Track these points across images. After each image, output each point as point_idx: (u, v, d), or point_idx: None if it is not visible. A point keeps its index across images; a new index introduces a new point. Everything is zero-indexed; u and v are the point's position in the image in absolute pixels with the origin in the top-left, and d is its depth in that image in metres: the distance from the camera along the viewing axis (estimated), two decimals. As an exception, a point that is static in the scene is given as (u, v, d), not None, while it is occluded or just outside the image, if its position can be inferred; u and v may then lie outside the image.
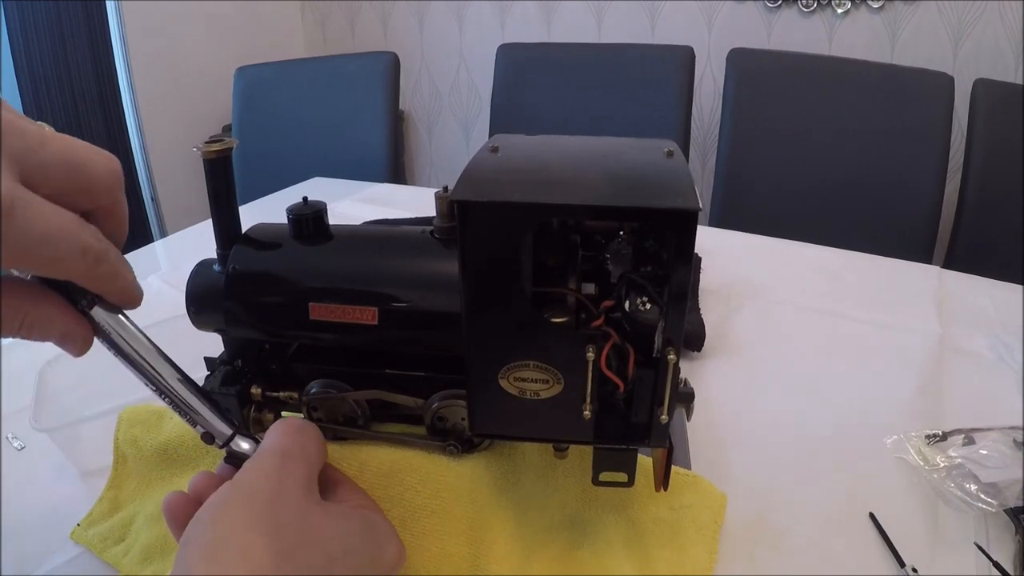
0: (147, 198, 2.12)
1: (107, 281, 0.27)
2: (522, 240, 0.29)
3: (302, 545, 0.27)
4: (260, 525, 0.26)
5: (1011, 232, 1.13)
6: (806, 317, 0.71)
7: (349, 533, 0.29)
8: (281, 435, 0.31)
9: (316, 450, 0.32)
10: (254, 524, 0.26)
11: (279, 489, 0.28)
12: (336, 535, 0.28)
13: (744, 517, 0.44)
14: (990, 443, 0.48)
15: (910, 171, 1.21)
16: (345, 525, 0.30)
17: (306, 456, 0.31)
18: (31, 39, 1.74)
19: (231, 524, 0.26)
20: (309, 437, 0.32)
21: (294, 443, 0.31)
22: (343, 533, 0.29)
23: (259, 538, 0.25)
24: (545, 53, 1.53)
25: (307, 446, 0.31)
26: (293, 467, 0.30)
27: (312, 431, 0.33)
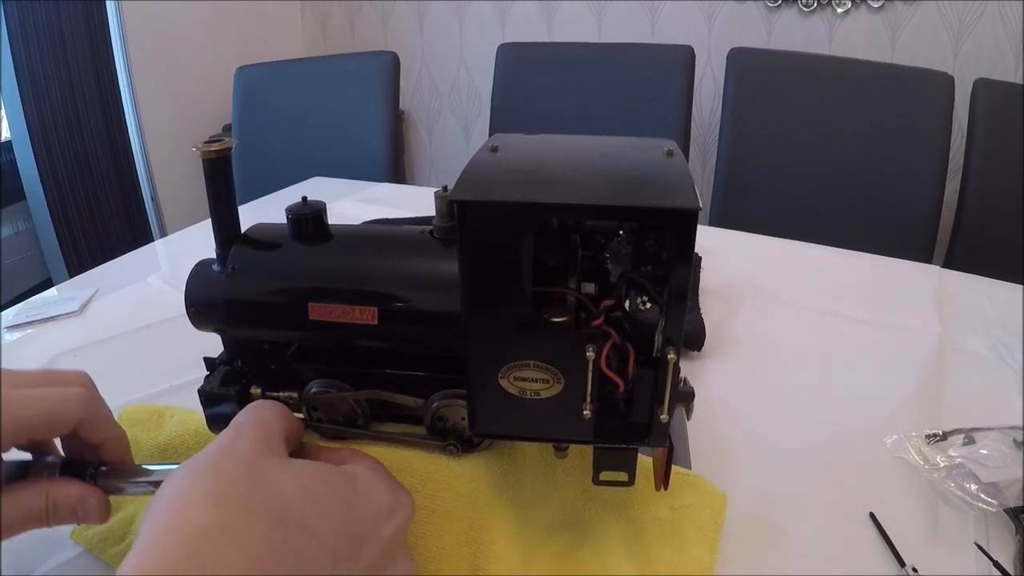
0: (147, 198, 2.12)
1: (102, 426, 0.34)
2: (522, 240, 0.29)
3: (247, 488, 0.26)
4: (202, 474, 0.27)
5: (1011, 232, 1.13)
6: (806, 317, 0.71)
7: (309, 477, 0.28)
8: (239, 414, 0.32)
9: (276, 419, 0.32)
10: (197, 474, 0.27)
11: (228, 447, 0.28)
12: (291, 480, 0.28)
13: (744, 517, 0.44)
14: (990, 443, 0.48)
15: (910, 171, 1.21)
16: (306, 471, 0.29)
17: (262, 423, 0.31)
18: (31, 39, 1.74)
19: (177, 476, 0.27)
20: (266, 408, 0.32)
21: (249, 415, 0.32)
22: (300, 477, 0.28)
23: (198, 483, 0.26)
24: (545, 53, 1.53)
25: (263, 416, 0.31)
26: (247, 431, 0.30)
27: (273, 406, 0.33)
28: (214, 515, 0.24)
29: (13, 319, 0.74)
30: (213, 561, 0.23)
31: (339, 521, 0.28)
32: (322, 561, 0.26)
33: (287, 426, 0.32)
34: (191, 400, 0.40)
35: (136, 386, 0.50)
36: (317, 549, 0.26)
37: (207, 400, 0.39)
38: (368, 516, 0.29)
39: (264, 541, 0.24)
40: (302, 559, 0.25)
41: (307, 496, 0.27)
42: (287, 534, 0.25)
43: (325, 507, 0.27)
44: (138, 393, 0.49)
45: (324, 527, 0.27)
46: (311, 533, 0.26)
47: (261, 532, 0.25)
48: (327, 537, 0.27)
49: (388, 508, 0.30)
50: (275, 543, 0.25)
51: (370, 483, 0.31)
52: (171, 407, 0.46)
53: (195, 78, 2.17)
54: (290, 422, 0.33)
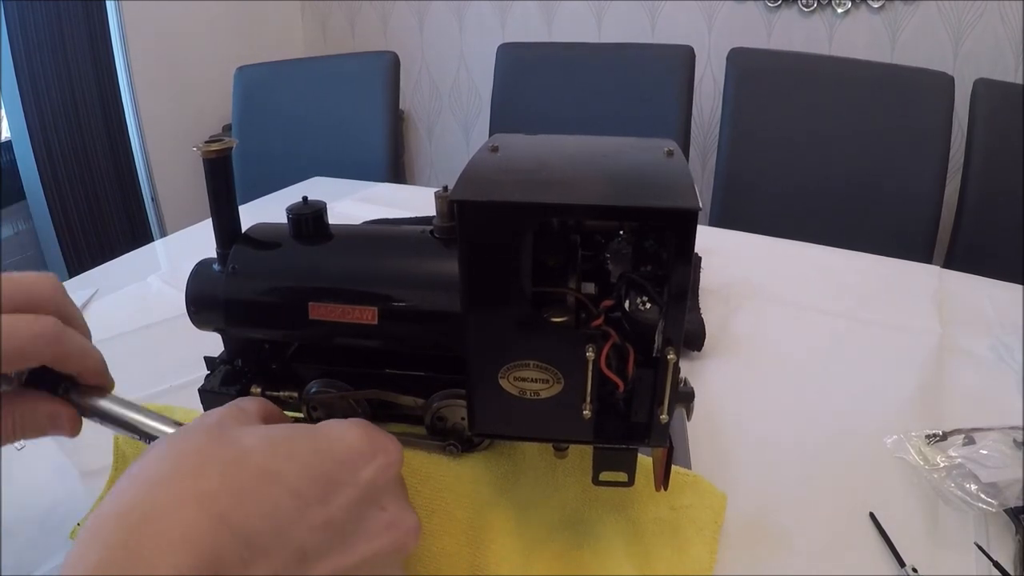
0: (147, 198, 2.12)
1: (75, 359, 0.32)
2: (522, 240, 0.29)
3: (207, 442, 0.26)
4: (168, 439, 0.27)
5: (1011, 232, 1.13)
6: (806, 317, 0.71)
7: (274, 430, 0.28)
8: None
9: (252, 403, 0.32)
10: (163, 440, 0.27)
11: (200, 419, 0.29)
12: (255, 433, 0.27)
13: (744, 517, 0.44)
14: (990, 443, 0.48)
15: (910, 171, 1.21)
16: (272, 428, 0.28)
17: (237, 403, 0.31)
18: (31, 39, 1.74)
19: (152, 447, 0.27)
20: (246, 397, 0.33)
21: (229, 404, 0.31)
22: (265, 432, 0.28)
23: (163, 444, 0.27)
24: (545, 53, 1.53)
25: (240, 400, 0.32)
26: (221, 409, 0.30)
27: (252, 398, 0.33)
28: (171, 464, 0.25)
29: (13, 319, 0.74)
30: (163, 501, 0.23)
31: (304, 464, 0.27)
32: (285, 503, 0.25)
33: (263, 411, 0.32)
34: (191, 400, 0.40)
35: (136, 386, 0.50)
36: (279, 491, 0.25)
37: (207, 400, 0.39)
38: (341, 460, 0.28)
39: (218, 484, 0.24)
40: (263, 500, 0.25)
41: (269, 444, 0.27)
42: (245, 477, 0.25)
43: (289, 452, 0.27)
44: (138, 393, 0.49)
45: (288, 470, 0.26)
46: (273, 476, 0.26)
47: (215, 476, 0.24)
48: (290, 480, 0.26)
49: (365, 452, 0.29)
50: (231, 486, 0.24)
51: (342, 431, 0.30)
52: (171, 407, 0.46)
53: (195, 78, 2.17)
54: (269, 410, 0.33)
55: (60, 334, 0.31)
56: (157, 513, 0.23)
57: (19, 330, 0.30)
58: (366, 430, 0.30)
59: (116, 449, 0.46)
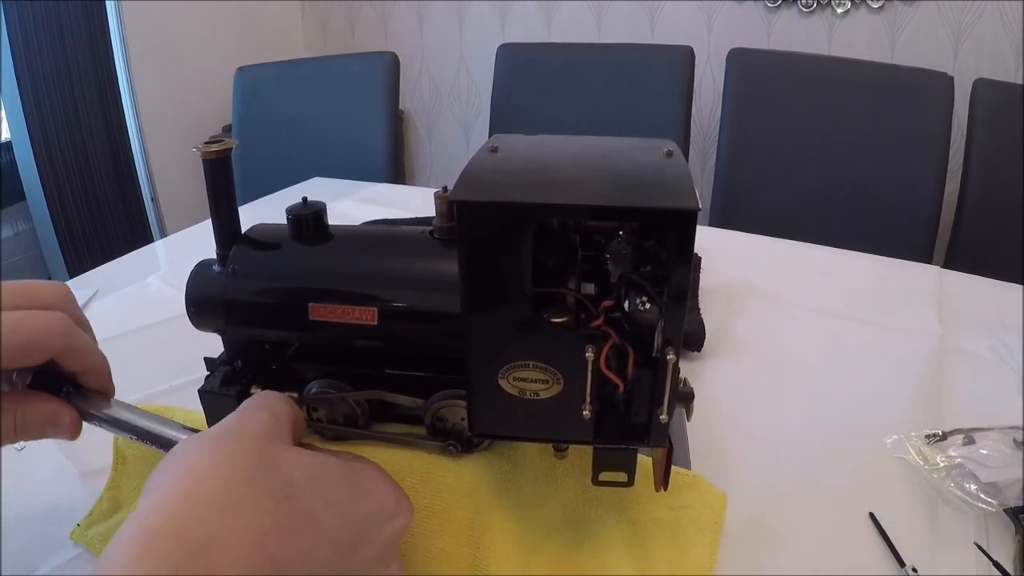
0: (147, 198, 2.12)
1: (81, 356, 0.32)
2: (522, 240, 0.29)
3: (258, 469, 0.26)
4: (215, 450, 0.26)
5: (1011, 232, 1.13)
6: (806, 317, 0.71)
7: (318, 466, 0.28)
8: (247, 400, 0.32)
9: (284, 409, 0.31)
10: (209, 449, 0.27)
11: (240, 428, 0.28)
12: (300, 466, 0.27)
13: (744, 517, 0.44)
14: (990, 443, 0.48)
15: (910, 171, 1.21)
16: (315, 460, 0.28)
17: (271, 410, 0.30)
18: (31, 39, 1.74)
19: (187, 450, 0.27)
20: (273, 398, 0.32)
21: (257, 401, 0.31)
22: (310, 465, 0.28)
23: (210, 458, 0.26)
24: (545, 53, 1.53)
25: (272, 404, 0.31)
26: (257, 415, 0.29)
27: (280, 397, 0.32)
28: (226, 488, 0.25)
29: (13, 319, 0.74)
30: (221, 531, 0.23)
31: (342, 514, 0.27)
32: (322, 550, 0.26)
33: (293, 417, 0.32)
34: (191, 400, 0.40)
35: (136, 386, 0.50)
36: (318, 537, 0.26)
37: (207, 401, 0.39)
38: (371, 514, 0.29)
39: (270, 521, 0.24)
40: (304, 544, 0.25)
41: (314, 484, 0.27)
42: (292, 517, 0.25)
43: (331, 498, 0.27)
44: (138, 393, 0.49)
45: (327, 517, 0.27)
46: (315, 520, 0.26)
47: (268, 512, 0.25)
48: (329, 527, 0.26)
49: (391, 511, 0.30)
50: (280, 524, 0.25)
51: (376, 483, 0.31)
52: (171, 407, 0.46)
53: (195, 78, 2.17)
54: (296, 413, 0.33)
55: (70, 328, 0.32)
56: (216, 543, 0.23)
57: (29, 323, 0.30)
58: (395, 488, 0.31)
59: (116, 450, 0.46)
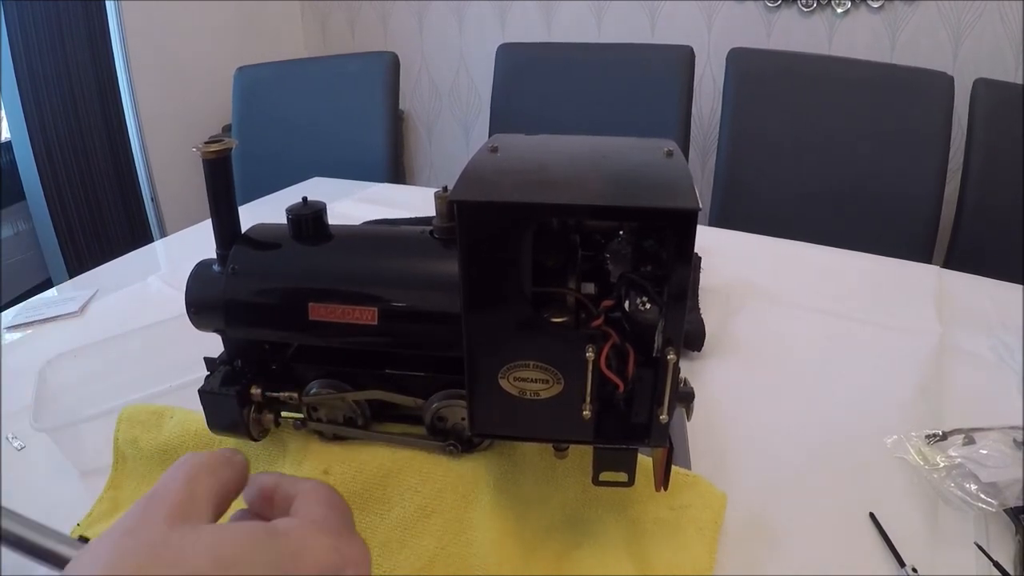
0: (147, 198, 2.12)
1: None
2: (521, 240, 0.29)
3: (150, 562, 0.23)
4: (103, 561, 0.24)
5: (1011, 232, 1.13)
6: (806, 317, 0.71)
7: (228, 544, 0.25)
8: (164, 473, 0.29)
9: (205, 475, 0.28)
10: (96, 560, 0.24)
11: (136, 524, 0.25)
12: (205, 550, 0.24)
13: (744, 517, 0.44)
14: (990, 443, 0.48)
15: (910, 171, 1.21)
16: (225, 538, 0.25)
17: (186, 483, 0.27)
18: (31, 39, 1.74)
19: (76, 562, 0.25)
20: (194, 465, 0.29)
21: (173, 473, 0.28)
22: (217, 546, 0.25)
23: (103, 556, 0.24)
24: (545, 53, 1.53)
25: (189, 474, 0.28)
26: (163, 499, 0.26)
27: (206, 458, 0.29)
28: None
29: (13, 319, 0.74)
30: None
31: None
32: None
33: (217, 483, 0.29)
34: (191, 400, 0.40)
35: (136, 386, 0.50)
36: None
37: (207, 400, 0.39)
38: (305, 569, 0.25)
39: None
40: None
41: (222, 566, 0.24)
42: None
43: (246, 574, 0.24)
44: (138, 393, 0.49)
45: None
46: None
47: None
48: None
49: (331, 565, 0.26)
50: None
51: (308, 540, 0.27)
52: (171, 407, 0.46)
53: (195, 78, 2.17)
54: (222, 477, 0.29)
55: None
56: None
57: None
58: (333, 538, 0.27)
59: (116, 449, 0.46)
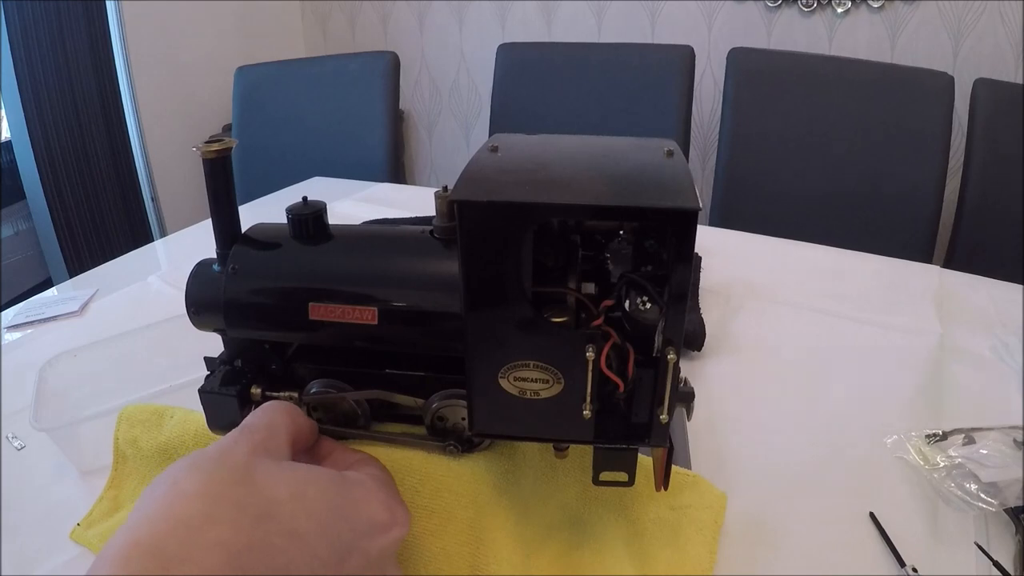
0: (147, 198, 2.12)
1: None
2: (522, 240, 0.29)
3: (237, 487, 0.27)
4: (198, 470, 0.27)
5: (1011, 232, 1.13)
6: (806, 317, 0.71)
7: (303, 481, 0.29)
8: (250, 415, 0.32)
9: (284, 421, 0.32)
10: (193, 469, 0.27)
11: (228, 448, 0.29)
12: (284, 482, 0.28)
13: (744, 517, 0.44)
14: (990, 443, 0.48)
15: (910, 171, 1.21)
16: (301, 475, 0.29)
17: (268, 426, 0.31)
18: (31, 39, 1.74)
19: (173, 468, 0.28)
20: (275, 411, 0.32)
21: (257, 417, 0.32)
22: (293, 481, 0.28)
23: (192, 477, 0.27)
24: (545, 53, 1.53)
25: (271, 418, 0.32)
26: (249, 435, 0.30)
27: (283, 407, 0.33)
28: (202, 508, 0.25)
29: (13, 319, 0.74)
30: (194, 549, 0.24)
31: (325, 526, 0.27)
32: (302, 563, 0.26)
33: (295, 428, 0.32)
34: (191, 400, 0.40)
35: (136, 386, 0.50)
36: (298, 551, 0.26)
37: (207, 400, 0.39)
38: (358, 527, 0.29)
39: (245, 538, 0.25)
40: (282, 560, 0.25)
41: (297, 499, 0.27)
42: (269, 533, 0.26)
43: (313, 511, 0.27)
44: (138, 393, 0.49)
45: (309, 530, 0.27)
46: (295, 534, 0.26)
47: (244, 529, 0.25)
48: (311, 540, 0.27)
49: (382, 523, 0.30)
50: (256, 540, 0.25)
51: (368, 494, 0.30)
52: (171, 407, 0.46)
53: (195, 78, 2.17)
54: (299, 424, 0.33)
55: None
56: (189, 559, 0.24)
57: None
58: (388, 499, 0.31)
59: (116, 450, 0.46)
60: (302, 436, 0.33)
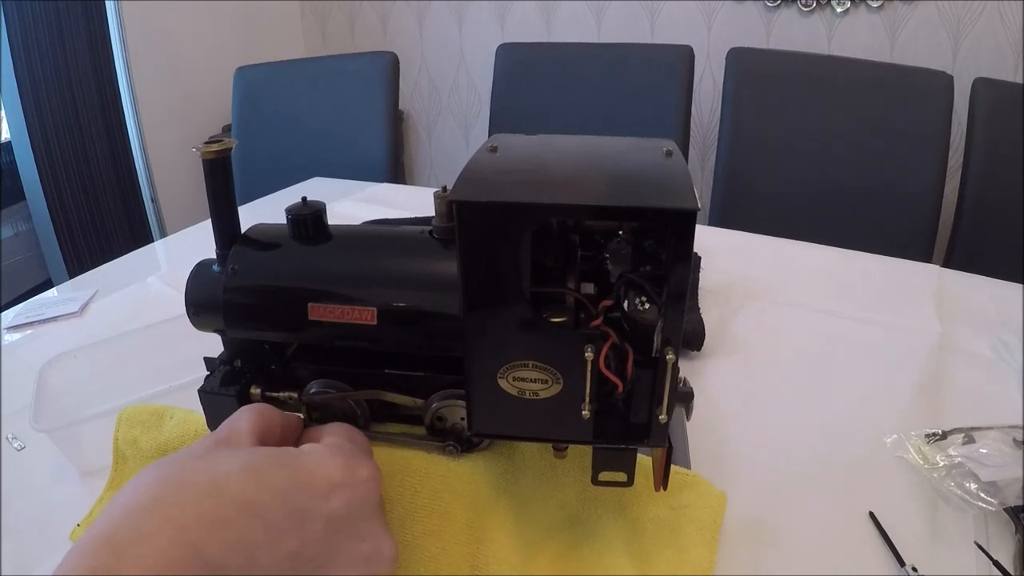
0: (147, 198, 2.12)
1: None
2: (521, 240, 0.29)
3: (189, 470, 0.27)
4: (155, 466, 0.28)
5: (1011, 232, 1.13)
6: (806, 317, 0.71)
7: (255, 457, 0.29)
8: None
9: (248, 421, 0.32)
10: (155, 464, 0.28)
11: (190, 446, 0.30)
12: (236, 460, 0.28)
13: (744, 517, 0.44)
14: (990, 442, 0.48)
15: (910, 171, 1.21)
16: (254, 453, 0.29)
17: (233, 421, 0.32)
18: (31, 39, 1.74)
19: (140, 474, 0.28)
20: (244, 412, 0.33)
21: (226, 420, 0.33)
22: (245, 458, 0.29)
23: (152, 471, 0.28)
24: (545, 53, 1.53)
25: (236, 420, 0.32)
26: (212, 434, 0.31)
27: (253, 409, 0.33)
28: (154, 493, 0.26)
29: (13, 320, 0.74)
30: (144, 529, 0.24)
31: (278, 495, 0.27)
32: (257, 534, 0.26)
33: (263, 423, 0.33)
34: (191, 400, 0.40)
35: (136, 386, 0.50)
36: (249, 521, 0.26)
37: (207, 401, 0.39)
38: (315, 491, 0.29)
39: (194, 512, 0.25)
40: (232, 529, 0.26)
41: (248, 472, 0.28)
42: (219, 506, 0.26)
43: (265, 482, 0.28)
44: (138, 393, 0.49)
45: (262, 501, 0.27)
46: (246, 506, 0.26)
47: (192, 504, 0.26)
48: (264, 511, 0.27)
49: (338, 482, 0.29)
50: (205, 514, 0.25)
51: (323, 458, 0.30)
52: (171, 407, 0.46)
53: (195, 78, 2.17)
54: (269, 419, 0.33)
55: None
56: (140, 539, 0.24)
57: None
58: (346, 458, 0.31)
59: (116, 449, 0.46)
60: (273, 431, 0.33)
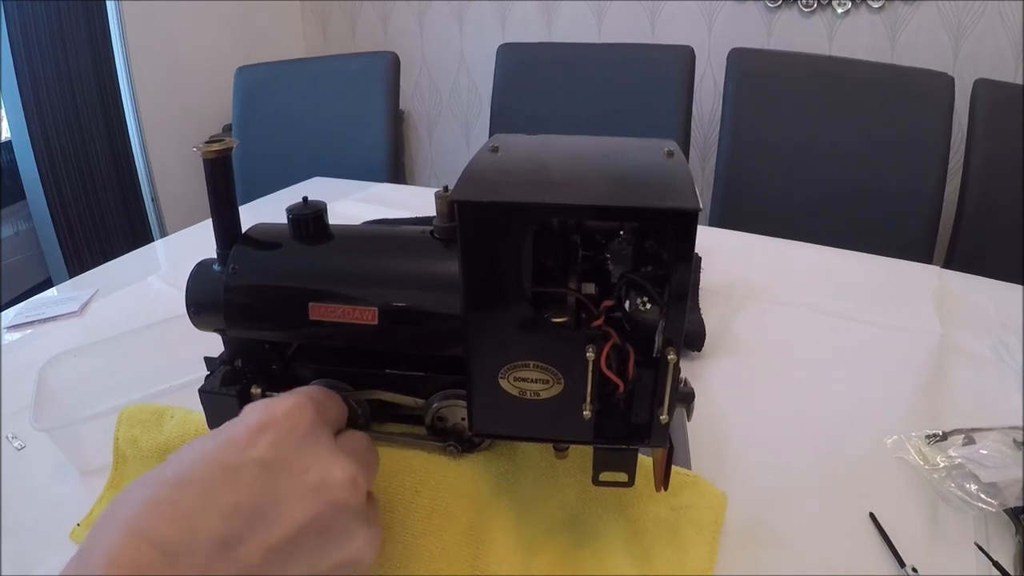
0: (147, 198, 2.11)
1: None
2: (522, 240, 0.29)
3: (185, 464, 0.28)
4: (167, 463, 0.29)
5: (1011, 232, 1.13)
6: (806, 317, 0.71)
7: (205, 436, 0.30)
8: None
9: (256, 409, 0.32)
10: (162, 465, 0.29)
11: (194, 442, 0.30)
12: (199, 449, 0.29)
13: (744, 517, 0.44)
14: (990, 443, 0.48)
15: (910, 171, 1.21)
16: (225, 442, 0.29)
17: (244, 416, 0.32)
18: (31, 39, 1.74)
19: None
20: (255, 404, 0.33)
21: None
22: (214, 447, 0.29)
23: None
24: (545, 53, 1.53)
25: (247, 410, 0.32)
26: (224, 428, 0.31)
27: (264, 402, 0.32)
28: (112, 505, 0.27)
29: (13, 319, 0.74)
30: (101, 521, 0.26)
31: (203, 459, 0.28)
32: (191, 502, 0.26)
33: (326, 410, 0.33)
34: (191, 400, 0.40)
35: (136, 386, 0.50)
36: (182, 493, 0.27)
37: (207, 400, 0.39)
38: (236, 443, 0.29)
39: (138, 502, 0.26)
40: (169, 505, 0.26)
41: (178, 454, 0.29)
42: (156, 489, 0.27)
43: (193, 455, 0.28)
44: (138, 393, 0.49)
45: (191, 472, 0.27)
46: (179, 481, 0.27)
47: (136, 497, 0.26)
48: (192, 478, 0.27)
49: (257, 426, 0.29)
50: (146, 500, 0.26)
51: (243, 414, 0.31)
52: (171, 407, 0.46)
53: (195, 78, 2.17)
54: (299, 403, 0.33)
55: None
56: (96, 530, 0.26)
57: None
58: (267, 403, 0.31)
59: (116, 449, 0.46)
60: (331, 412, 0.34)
